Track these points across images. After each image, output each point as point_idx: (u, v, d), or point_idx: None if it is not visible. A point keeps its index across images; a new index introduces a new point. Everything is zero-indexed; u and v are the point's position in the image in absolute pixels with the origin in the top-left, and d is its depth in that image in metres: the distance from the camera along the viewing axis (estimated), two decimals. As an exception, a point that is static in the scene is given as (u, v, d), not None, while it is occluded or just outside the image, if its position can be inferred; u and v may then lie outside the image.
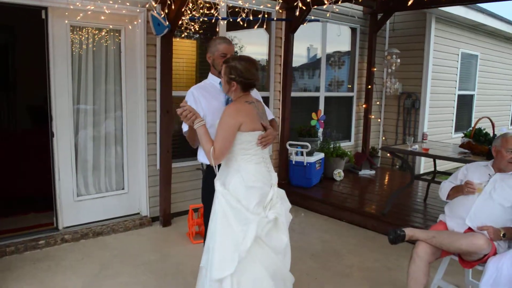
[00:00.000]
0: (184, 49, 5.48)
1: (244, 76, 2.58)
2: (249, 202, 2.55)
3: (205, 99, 2.90)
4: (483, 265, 2.92)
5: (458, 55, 8.50)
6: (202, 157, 2.94)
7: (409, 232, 3.12)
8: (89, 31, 4.57)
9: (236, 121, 2.52)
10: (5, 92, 7.57)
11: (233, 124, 2.52)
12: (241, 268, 2.49)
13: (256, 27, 4.61)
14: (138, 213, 5.16)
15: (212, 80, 3.02)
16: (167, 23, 4.49)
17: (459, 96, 8.80)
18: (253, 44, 6.16)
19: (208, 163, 2.71)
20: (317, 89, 7.18)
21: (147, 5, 4.73)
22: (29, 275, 3.76)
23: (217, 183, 2.61)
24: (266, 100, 6.11)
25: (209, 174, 2.83)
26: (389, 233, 3.16)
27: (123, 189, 5.03)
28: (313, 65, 7.25)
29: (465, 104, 9.11)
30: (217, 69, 2.91)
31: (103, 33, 4.66)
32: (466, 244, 2.88)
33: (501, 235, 2.95)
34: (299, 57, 6.98)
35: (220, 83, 2.86)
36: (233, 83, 2.59)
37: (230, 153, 2.60)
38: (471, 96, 9.33)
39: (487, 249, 2.87)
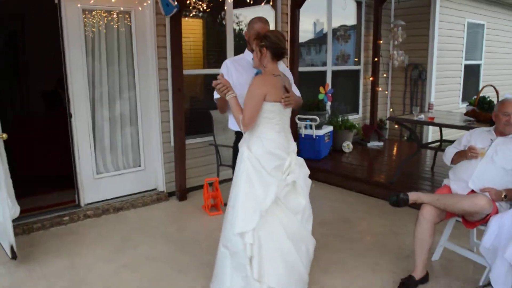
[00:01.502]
0: (192, 28, 5.61)
1: (273, 41, 2.85)
2: (267, 165, 2.82)
3: (237, 71, 3.21)
4: (485, 225, 3.07)
5: (464, 25, 8.49)
6: (232, 125, 3.30)
7: (413, 196, 3.27)
8: (101, 14, 4.70)
9: (262, 91, 2.79)
10: (18, 77, 7.75)
11: (259, 94, 2.79)
12: (262, 224, 2.79)
13: (263, 4, 4.71)
14: (155, 189, 5.37)
15: (247, 55, 3.31)
16: (176, 3, 4.58)
17: (466, 66, 8.82)
18: (260, 21, 6.24)
19: (237, 129, 3.19)
20: (324, 64, 7.27)
21: (156, -14, 4.84)
22: (56, 248, 3.99)
23: (244, 147, 2.88)
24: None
25: (238, 141, 3.12)
26: (391, 196, 3.32)
27: (139, 166, 5.23)
28: (319, 39, 7.32)
29: (472, 74, 9.14)
30: (252, 46, 3.15)
31: (114, 15, 4.79)
32: (468, 204, 3.03)
33: (503, 196, 3.09)
34: (306, 32, 7.06)
35: (252, 58, 3.10)
36: (264, 49, 2.86)
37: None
38: (478, 66, 9.33)
39: (489, 209, 3.02)
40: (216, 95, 3.21)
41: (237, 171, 2.91)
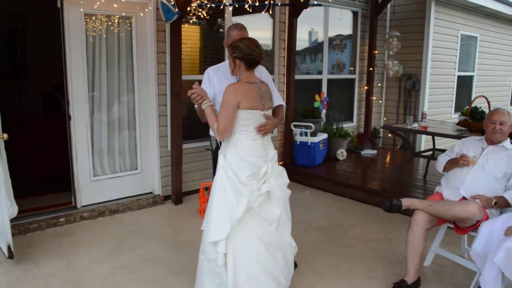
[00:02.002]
0: (191, 35, 5.69)
1: (244, 52, 2.84)
2: (241, 174, 2.83)
3: (218, 79, 3.23)
4: (476, 231, 3.15)
5: (457, 37, 8.66)
6: (212, 132, 3.22)
7: (406, 202, 3.35)
8: (103, 18, 4.77)
9: (234, 99, 2.80)
10: (16, 78, 7.78)
11: (232, 102, 2.80)
12: (235, 234, 2.79)
13: (263, 12, 4.81)
14: (151, 192, 5.41)
15: (227, 63, 3.26)
16: (176, 9, 4.67)
17: (459, 77, 8.98)
18: (258, 29, 6.34)
19: None
20: (320, 72, 7.38)
21: (156, -8, 4.92)
22: (53, 248, 4.02)
23: (220, 156, 2.91)
24: (270, 83, 6.31)
25: (219, 148, 3.12)
26: (384, 202, 3.40)
27: (136, 169, 5.27)
28: (316, 48, 7.43)
29: (464, 85, 9.29)
30: None
31: (116, 21, 4.86)
32: (459, 210, 3.12)
33: (493, 203, 3.18)
34: (302, 41, 7.17)
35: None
36: (237, 61, 2.87)
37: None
38: (471, 77, 9.50)
39: (479, 215, 3.11)
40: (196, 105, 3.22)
41: (214, 180, 2.94)
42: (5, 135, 3.59)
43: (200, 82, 3.99)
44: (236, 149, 2.86)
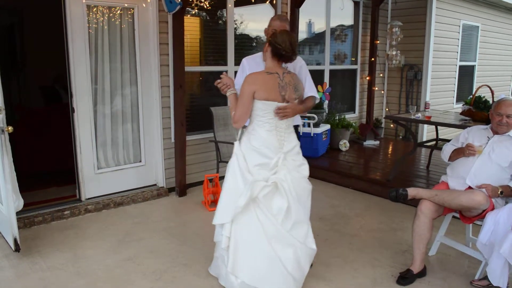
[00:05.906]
0: (193, 26, 5.66)
1: (276, 41, 2.89)
2: (250, 162, 2.90)
3: (250, 68, 3.31)
4: (482, 220, 3.17)
5: (459, 26, 8.62)
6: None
7: (412, 191, 3.36)
8: (105, 10, 4.74)
9: (249, 88, 2.85)
10: (16, 72, 7.76)
11: (247, 91, 2.85)
12: (240, 220, 2.86)
13: (267, 2, 4.78)
14: (155, 184, 5.42)
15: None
16: (179, 0, 4.65)
17: (460, 67, 8.95)
18: (259, 20, 6.30)
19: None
20: (322, 63, 7.36)
21: (158, -17, 4.89)
22: (58, 241, 4.03)
23: (236, 143, 2.99)
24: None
25: None
26: (390, 191, 3.42)
27: (140, 161, 5.27)
28: (317, 39, 7.40)
29: (466, 74, 9.27)
30: None
31: (118, 12, 4.83)
32: (466, 200, 3.13)
33: (499, 192, 3.19)
34: (304, 31, 7.14)
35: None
36: (267, 44, 2.94)
37: (250, 117, 2.95)
38: (472, 67, 9.48)
39: (486, 204, 3.12)
40: None
41: (227, 165, 3.03)
42: (10, 128, 3.59)
43: (201, 74, 4.13)
44: (249, 138, 2.93)
